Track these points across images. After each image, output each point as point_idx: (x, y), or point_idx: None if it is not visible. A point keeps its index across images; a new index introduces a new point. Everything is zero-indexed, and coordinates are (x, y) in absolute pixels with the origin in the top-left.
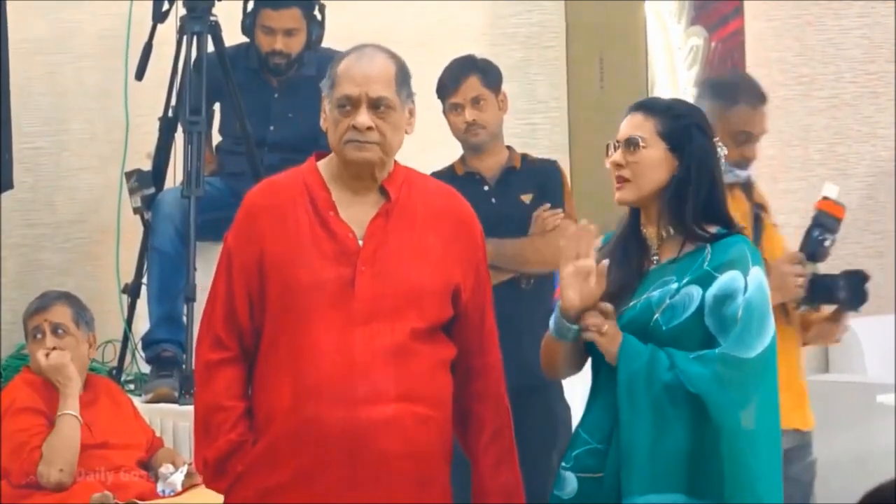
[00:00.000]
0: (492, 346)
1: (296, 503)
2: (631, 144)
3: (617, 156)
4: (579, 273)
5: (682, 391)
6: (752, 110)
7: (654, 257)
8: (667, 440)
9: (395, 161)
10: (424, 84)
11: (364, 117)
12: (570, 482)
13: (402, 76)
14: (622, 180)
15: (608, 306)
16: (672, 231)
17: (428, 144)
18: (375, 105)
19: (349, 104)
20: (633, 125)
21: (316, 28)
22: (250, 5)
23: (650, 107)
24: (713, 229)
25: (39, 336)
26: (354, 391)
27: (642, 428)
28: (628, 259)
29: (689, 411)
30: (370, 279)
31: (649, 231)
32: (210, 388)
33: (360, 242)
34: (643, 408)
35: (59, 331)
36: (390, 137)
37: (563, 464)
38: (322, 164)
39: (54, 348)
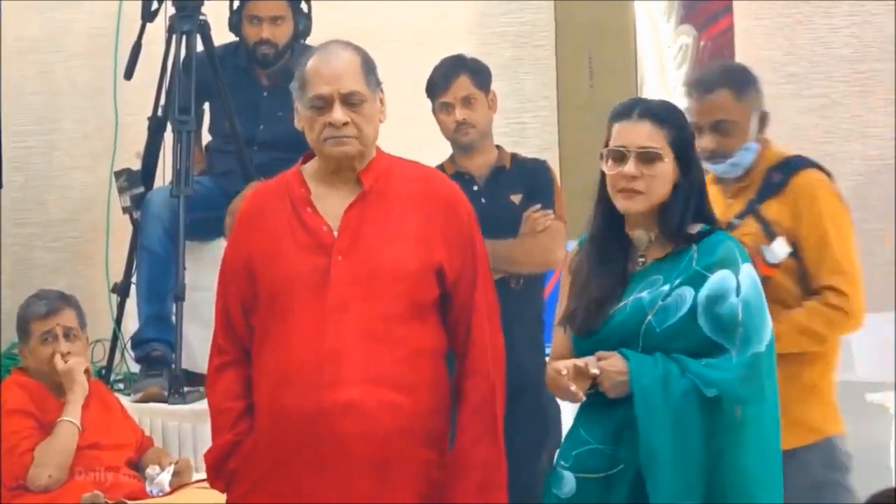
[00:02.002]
0: (481, 322)
1: (276, 491)
2: (648, 157)
3: (632, 168)
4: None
5: (696, 396)
6: (695, 102)
7: (641, 259)
8: (687, 448)
9: (379, 149)
10: (415, 83)
11: (339, 114)
12: (569, 482)
13: (368, 67)
14: (634, 192)
15: (595, 372)
16: (660, 233)
17: (423, 143)
18: (348, 100)
19: (322, 103)
20: (644, 135)
21: (303, 19)
22: (236, 3)
23: (659, 115)
24: (696, 227)
25: (50, 339)
26: (321, 377)
27: (663, 441)
28: (611, 263)
29: (704, 416)
30: (346, 268)
31: (637, 234)
32: (213, 392)
33: (336, 233)
34: (662, 421)
35: (71, 335)
36: (366, 129)
37: (562, 462)
38: (307, 164)
39: (69, 353)
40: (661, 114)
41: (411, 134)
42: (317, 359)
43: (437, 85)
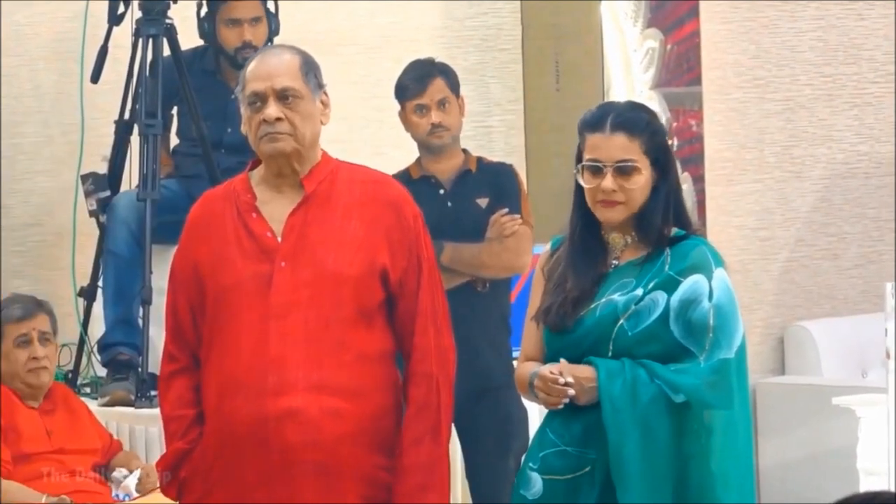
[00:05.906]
0: (425, 325)
1: (226, 498)
2: (625, 171)
3: (609, 182)
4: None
5: (664, 402)
6: None
7: (615, 261)
8: (656, 454)
9: (325, 153)
10: (378, 86)
11: (272, 109)
12: (536, 483)
13: (308, 67)
14: (614, 203)
15: (570, 380)
16: (637, 237)
17: (384, 146)
18: (282, 96)
19: (258, 100)
20: (620, 148)
21: (273, 20)
22: (203, 10)
23: (632, 126)
24: (672, 230)
25: (26, 343)
26: (266, 384)
27: (632, 447)
28: (588, 264)
29: (673, 421)
30: (289, 273)
31: (613, 237)
32: (165, 401)
33: (280, 239)
34: (631, 427)
35: (46, 340)
36: (301, 127)
37: (530, 464)
38: (254, 170)
39: (45, 357)
40: (634, 123)
41: (373, 137)
42: (261, 365)
43: (411, 87)
